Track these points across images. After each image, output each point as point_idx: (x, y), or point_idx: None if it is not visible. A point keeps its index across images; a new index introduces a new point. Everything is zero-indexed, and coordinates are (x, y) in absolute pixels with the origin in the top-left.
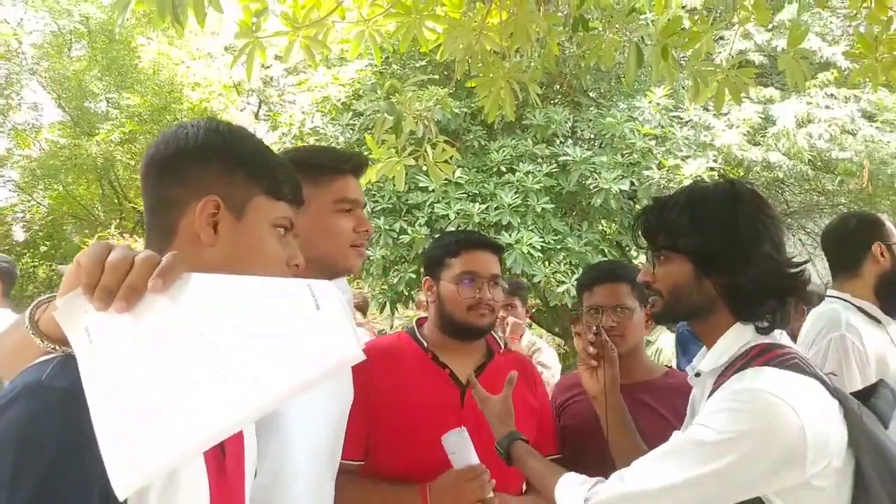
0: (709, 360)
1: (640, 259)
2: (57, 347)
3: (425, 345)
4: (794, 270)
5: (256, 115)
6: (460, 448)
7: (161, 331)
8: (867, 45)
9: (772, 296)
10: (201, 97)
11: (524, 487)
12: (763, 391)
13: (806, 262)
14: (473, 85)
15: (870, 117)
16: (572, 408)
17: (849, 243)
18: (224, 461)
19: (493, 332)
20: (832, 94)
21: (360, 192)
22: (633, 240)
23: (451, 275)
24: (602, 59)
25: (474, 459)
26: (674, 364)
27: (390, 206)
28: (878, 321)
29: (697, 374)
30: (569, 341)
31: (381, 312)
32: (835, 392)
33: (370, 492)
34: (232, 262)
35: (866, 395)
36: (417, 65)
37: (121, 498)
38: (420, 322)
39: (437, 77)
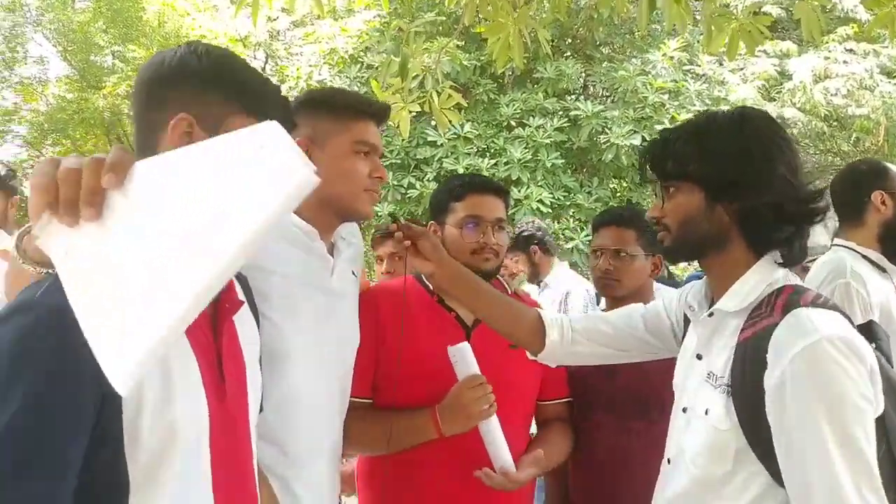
0: (732, 298)
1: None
2: (49, 271)
3: (431, 288)
4: (811, 195)
5: (263, 70)
6: (463, 358)
7: (121, 225)
8: None
9: (789, 221)
10: None
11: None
12: (821, 339)
13: (825, 188)
14: (482, 31)
15: (888, 73)
16: None
17: (850, 192)
18: (224, 387)
19: (499, 276)
20: (851, 49)
21: (378, 139)
22: (641, 175)
23: (455, 219)
24: (615, 9)
25: (476, 370)
26: None
27: (398, 161)
28: (884, 270)
29: (710, 315)
30: None
31: None
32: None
33: (383, 420)
34: None
35: (867, 338)
36: (427, 16)
37: (122, 394)
38: None
39: (445, 27)
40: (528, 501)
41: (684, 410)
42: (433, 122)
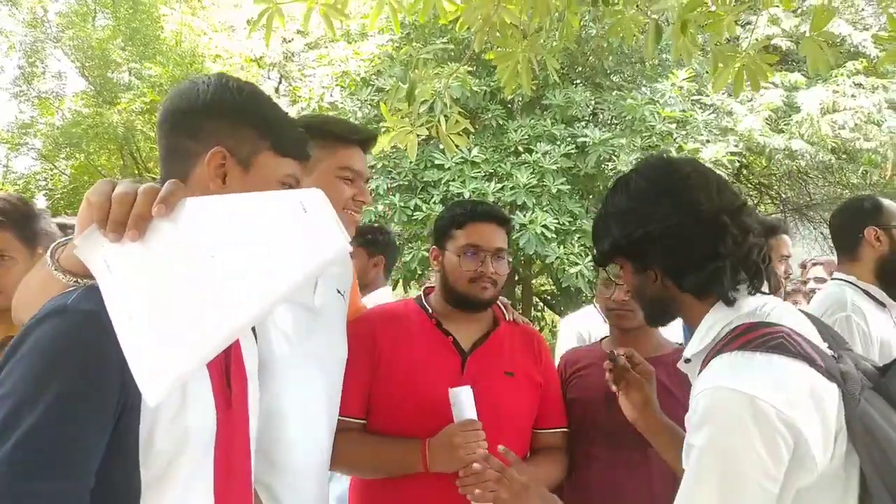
0: (691, 346)
1: None
2: (79, 281)
3: (430, 311)
4: (714, 219)
5: (277, 90)
6: (463, 402)
7: (166, 253)
8: None
9: (705, 255)
10: (222, 69)
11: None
12: (724, 389)
13: (741, 205)
14: (492, 57)
15: None
16: (579, 381)
17: (845, 228)
18: (230, 396)
19: (498, 303)
20: (860, 84)
21: (364, 166)
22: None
23: (455, 246)
24: (624, 38)
25: (473, 415)
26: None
27: (406, 182)
28: (883, 305)
29: (687, 361)
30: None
31: (393, 290)
32: (831, 375)
33: (373, 446)
34: None
35: (881, 372)
36: (438, 42)
37: (151, 404)
38: (427, 291)
39: (456, 54)
40: None
41: None
42: (441, 146)
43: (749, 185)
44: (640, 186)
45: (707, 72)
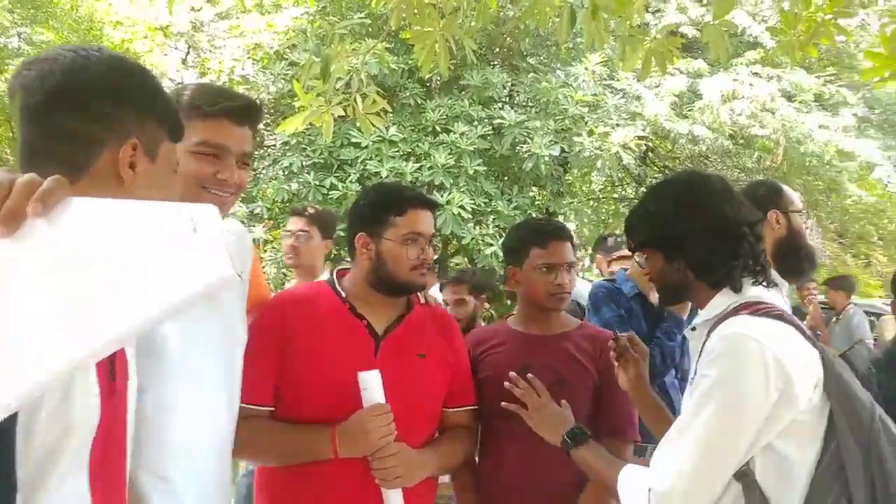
0: (701, 316)
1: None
2: None
3: (343, 296)
4: (737, 230)
5: (184, 61)
6: (372, 386)
7: (36, 255)
8: (789, 21)
9: (726, 257)
10: (123, 37)
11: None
12: (738, 334)
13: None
14: (408, 36)
15: (789, 97)
16: (491, 359)
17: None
18: (114, 384)
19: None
20: (757, 73)
21: (233, 141)
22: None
23: (396, 234)
24: (539, 21)
25: (382, 400)
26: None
27: (321, 161)
28: (775, 284)
29: (693, 329)
30: (493, 303)
31: None
32: (814, 342)
33: (279, 433)
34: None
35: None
36: (355, 17)
37: None
38: (340, 273)
39: (373, 30)
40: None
41: None
42: (358, 124)
43: (655, 168)
44: (683, 193)
45: (618, 57)
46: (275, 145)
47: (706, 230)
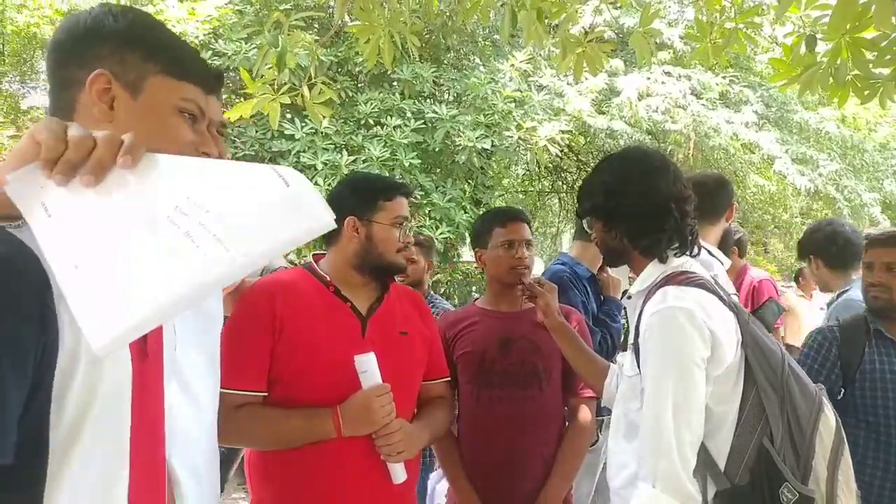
0: (634, 287)
1: None
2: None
3: (327, 279)
4: (666, 205)
5: None
6: (371, 368)
7: (131, 204)
8: (704, 29)
9: (653, 228)
10: (28, 21)
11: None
12: (668, 307)
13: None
14: (353, 30)
15: (697, 95)
16: (467, 336)
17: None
18: (146, 348)
19: None
20: (668, 72)
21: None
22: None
23: (387, 217)
24: (481, 19)
25: (380, 380)
26: None
27: (252, 153)
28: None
29: (629, 298)
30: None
31: None
32: (731, 306)
33: (280, 418)
34: None
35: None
36: (282, 7)
37: (100, 355)
38: (316, 258)
39: (306, 21)
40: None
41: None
42: (289, 115)
43: (576, 161)
44: (623, 168)
45: (541, 55)
46: None
47: (637, 201)
